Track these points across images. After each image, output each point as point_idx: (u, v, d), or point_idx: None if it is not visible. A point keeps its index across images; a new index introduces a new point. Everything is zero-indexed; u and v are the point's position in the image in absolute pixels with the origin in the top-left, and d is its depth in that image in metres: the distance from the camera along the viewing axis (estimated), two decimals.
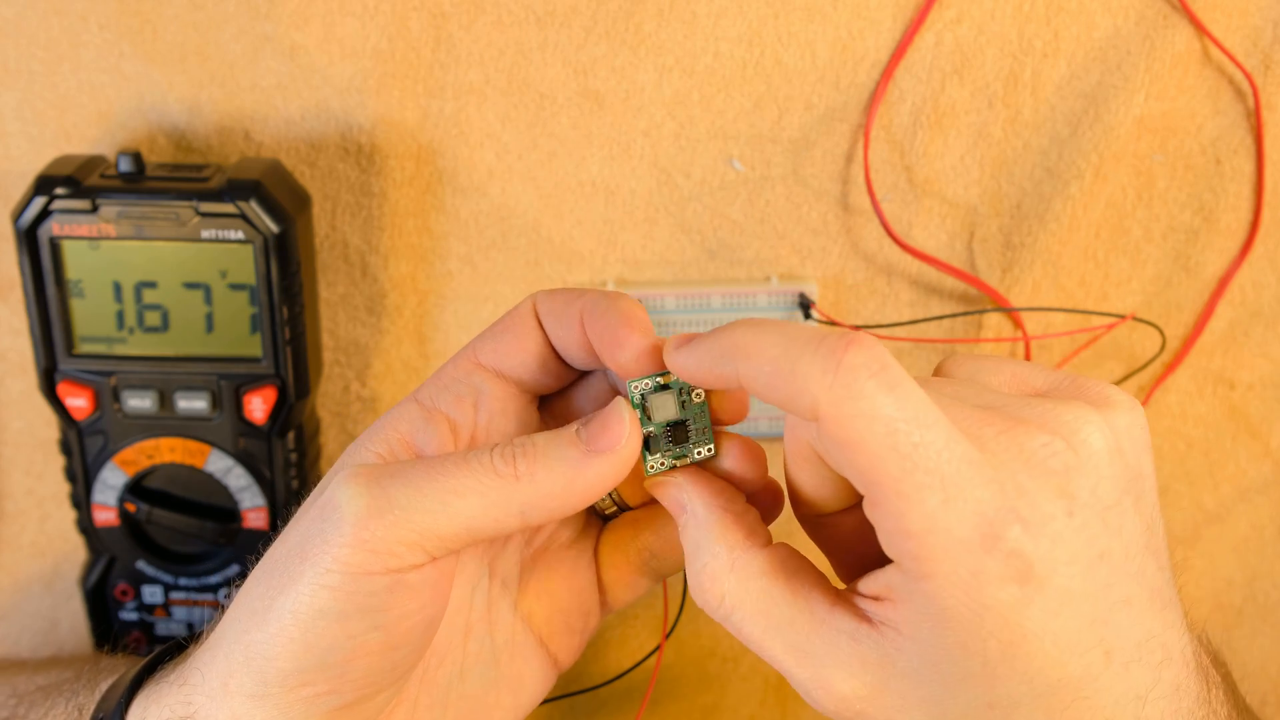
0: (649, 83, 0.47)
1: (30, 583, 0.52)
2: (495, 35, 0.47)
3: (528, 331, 0.36)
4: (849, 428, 0.29)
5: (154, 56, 0.46)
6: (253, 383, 0.46)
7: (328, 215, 0.49)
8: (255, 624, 0.32)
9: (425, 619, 0.33)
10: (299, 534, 0.32)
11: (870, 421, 0.28)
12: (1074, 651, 0.30)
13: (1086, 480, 0.30)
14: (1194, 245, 0.51)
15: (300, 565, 0.31)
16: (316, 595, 0.31)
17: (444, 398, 0.35)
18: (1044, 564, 0.29)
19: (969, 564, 0.29)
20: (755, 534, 0.33)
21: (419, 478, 0.32)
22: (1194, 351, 0.53)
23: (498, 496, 0.32)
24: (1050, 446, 0.30)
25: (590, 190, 0.49)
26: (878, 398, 0.28)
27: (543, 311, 0.36)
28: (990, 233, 0.50)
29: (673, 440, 0.35)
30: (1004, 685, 0.30)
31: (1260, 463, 0.55)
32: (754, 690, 0.57)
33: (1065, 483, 0.30)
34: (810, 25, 0.47)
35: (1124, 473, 0.31)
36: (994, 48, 0.48)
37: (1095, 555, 0.30)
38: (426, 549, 0.31)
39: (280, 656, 0.31)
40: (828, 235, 0.50)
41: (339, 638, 0.31)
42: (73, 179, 0.43)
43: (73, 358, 0.45)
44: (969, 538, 0.29)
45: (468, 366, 0.36)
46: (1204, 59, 0.49)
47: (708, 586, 0.33)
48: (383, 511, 0.31)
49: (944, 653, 0.30)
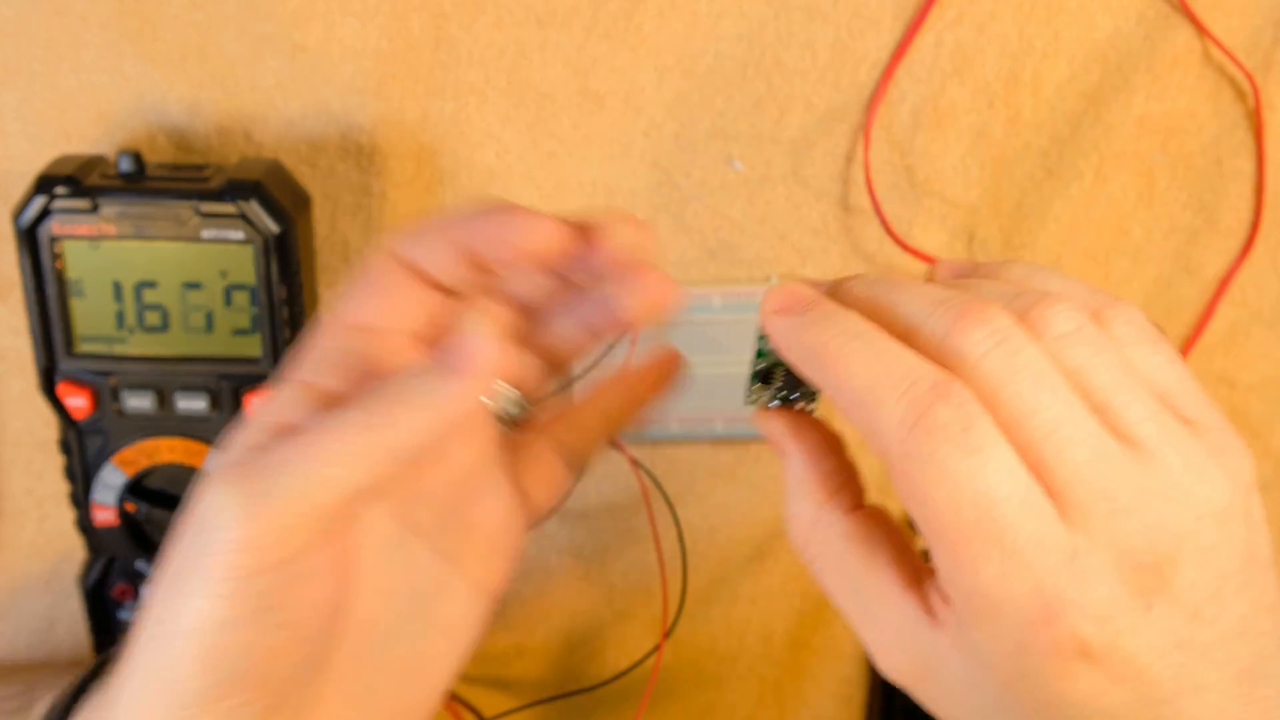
0: (649, 83, 0.47)
1: (29, 582, 0.52)
2: (495, 35, 0.47)
3: (401, 286, 0.34)
4: (916, 481, 0.28)
5: (154, 56, 0.46)
6: (252, 383, 0.46)
7: (328, 215, 0.49)
8: (160, 648, 0.31)
9: (330, 604, 0.32)
10: (182, 551, 0.31)
11: (939, 481, 0.27)
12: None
13: (1183, 576, 0.28)
14: (1194, 245, 0.51)
15: (190, 581, 0.30)
16: (214, 607, 0.30)
17: (322, 369, 0.33)
18: (1103, 649, 0.28)
19: (1016, 636, 0.28)
20: (843, 494, 0.33)
21: (284, 458, 0.30)
22: (1195, 352, 0.53)
23: (364, 449, 0.30)
24: (1148, 537, 0.28)
25: (590, 190, 0.49)
26: (951, 461, 0.27)
27: (412, 259, 0.33)
28: (990, 233, 0.50)
29: (785, 384, 0.34)
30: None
31: (1261, 463, 0.55)
32: (752, 690, 0.57)
33: (1152, 580, 0.28)
34: (810, 25, 0.47)
35: (1237, 554, 0.29)
36: (994, 48, 0.48)
37: (1171, 644, 0.28)
38: (311, 528, 0.30)
39: (191, 677, 0.30)
40: (828, 235, 0.50)
41: (245, 645, 0.30)
42: (73, 179, 0.43)
43: (72, 357, 0.45)
44: (1022, 613, 0.27)
45: (342, 333, 0.34)
46: (1204, 59, 0.49)
47: (795, 534, 0.33)
48: (256, 505, 0.30)
49: (986, 686, 0.29)
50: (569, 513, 0.54)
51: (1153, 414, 0.29)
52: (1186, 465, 0.29)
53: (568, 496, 0.40)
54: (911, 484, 0.28)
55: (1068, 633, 0.27)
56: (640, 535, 0.54)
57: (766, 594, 0.55)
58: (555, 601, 0.55)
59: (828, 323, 0.31)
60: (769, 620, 0.56)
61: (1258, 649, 0.29)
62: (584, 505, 0.54)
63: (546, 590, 0.55)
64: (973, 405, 0.28)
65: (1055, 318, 0.29)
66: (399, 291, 0.34)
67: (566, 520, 0.54)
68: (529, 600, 0.55)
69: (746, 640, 0.56)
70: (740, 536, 0.54)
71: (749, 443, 0.53)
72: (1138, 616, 0.28)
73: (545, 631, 0.56)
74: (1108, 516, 0.28)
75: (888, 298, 0.31)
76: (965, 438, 0.27)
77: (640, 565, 0.55)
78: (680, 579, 0.53)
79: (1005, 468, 0.27)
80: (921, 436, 0.27)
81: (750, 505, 0.54)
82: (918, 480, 0.28)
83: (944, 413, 0.27)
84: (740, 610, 0.56)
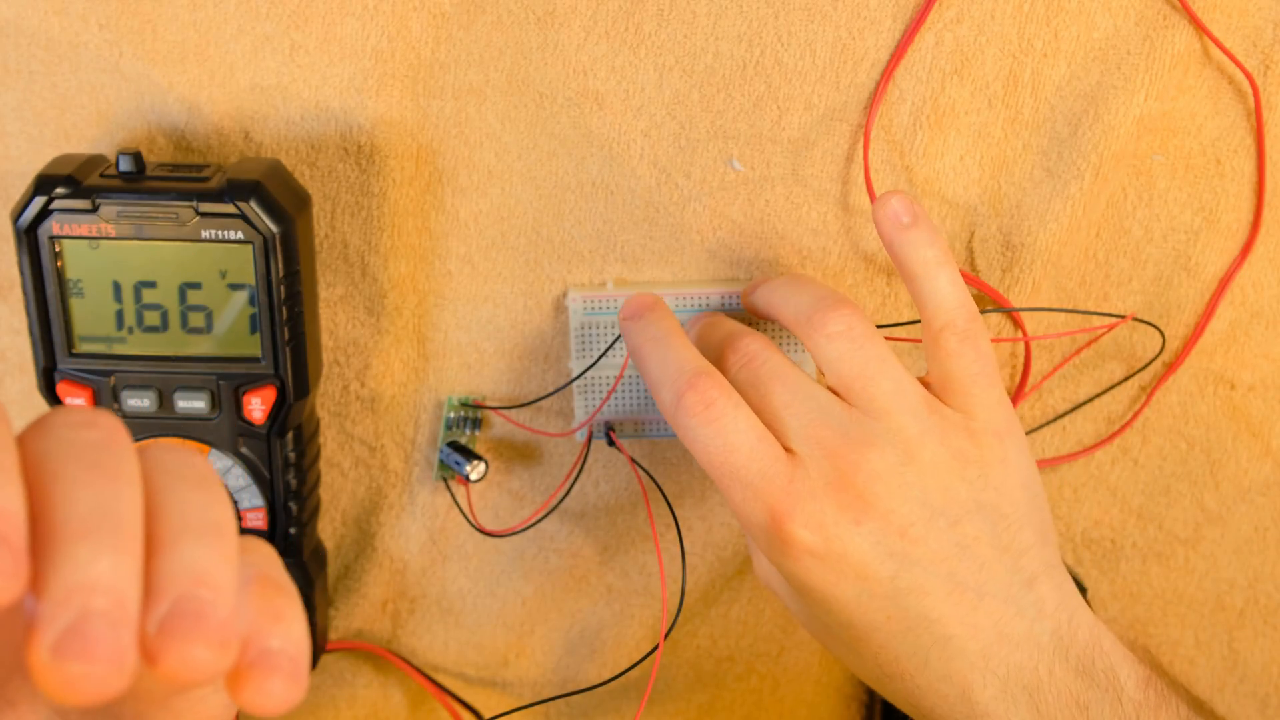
0: (649, 83, 0.47)
1: None
2: (495, 35, 0.47)
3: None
4: (686, 443, 0.41)
5: (154, 56, 0.46)
6: (252, 383, 0.46)
7: (328, 215, 0.49)
8: None
9: None
10: None
11: (693, 443, 0.41)
12: (862, 611, 0.41)
13: (885, 503, 0.41)
14: (1194, 245, 0.51)
15: None
16: None
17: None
18: (822, 549, 0.40)
19: (765, 543, 0.41)
20: None
21: None
22: (1195, 352, 0.53)
23: None
24: (852, 474, 0.41)
25: (590, 190, 0.49)
26: (697, 429, 0.41)
27: None
28: (990, 233, 0.50)
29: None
30: (820, 619, 0.42)
31: (1261, 463, 0.55)
32: (751, 689, 0.57)
33: (858, 504, 0.41)
34: (810, 25, 0.47)
35: (946, 496, 0.41)
36: (994, 48, 0.48)
37: (885, 553, 0.40)
38: None
39: None
40: (828, 235, 0.50)
41: None
42: (73, 178, 0.43)
43: (72, 357, 0.45)
44: (763, 526, 0.40)
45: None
46: (1204, 59, 0.49)
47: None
48: None
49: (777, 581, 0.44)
50: (569, 513, 0.54)
51: (895, 385, 0.42)
52: (912, 424, 0.41)
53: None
54: (685, 445, 0.42)
55: (791, 535, 0.40)
56: (640, 535, 0.54)
57: (766, 594, 0.55)
58: (555, 601, 0.55)
59: (642, 327, 0.45)
60: (769, 620, 0.56)
61: (978, 565, 0.41)
62: (584, 505, 0.54)
63: (546, 590, 0.55)
64: (713, 390, 0.41)
65: (813, 321, 0.43)
66: None
67: (566, 520, 0.54)
68: (529, 600, 0.55)
69: (746, 640, 0.56)
70: (740, 536, 0.54)
71: None
72: (848, 528, 0.40)
73: (545, 631, 0.55)
74: (820, 458, 0.41)
75: (711, 317, 0.48)
76: (706, 413, 0.41)
77: (640, 565, 0.55)
78: (680, 579, 0.53)
79: (737, 429, 0.40)
80: (680, 413, 0.41)
81: None
82: (687, 443, 0.41)
83: (689, 397, 0.41)
84: (740, 610, 0.56)
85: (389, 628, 0.55)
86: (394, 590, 0.54)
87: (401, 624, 0.55)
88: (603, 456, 0.53)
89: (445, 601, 0.55)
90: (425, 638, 0.55)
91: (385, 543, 0.54)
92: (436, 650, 0.55)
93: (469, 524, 0.51)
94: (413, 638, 0.55)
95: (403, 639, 0.55)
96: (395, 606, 0.55)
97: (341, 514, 0.53)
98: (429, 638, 0.55)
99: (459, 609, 0.55)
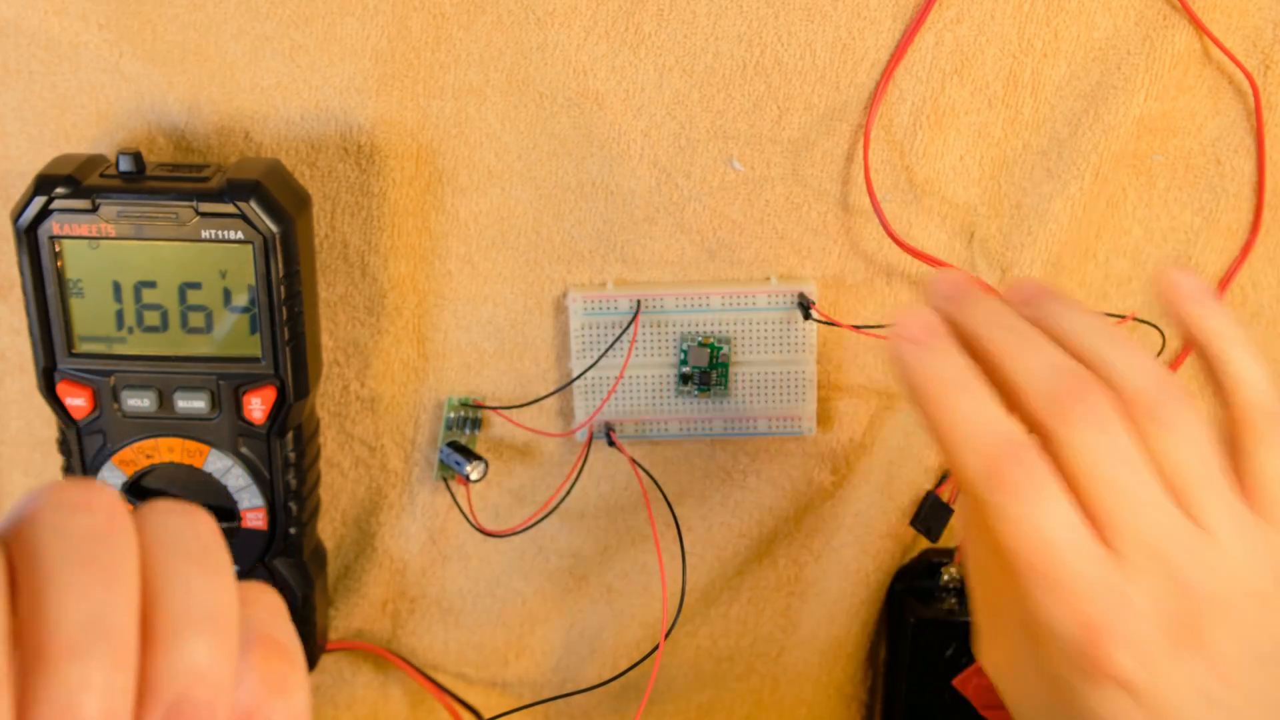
0: (649, 83, 0.47)
1: None
2: (495, 35, 0.47)
3: None
4: (989, 519, 0.33)
5: (154, 56, 0.46)
6: (252, 383, 0.46)
7: (328, 215, 0.49)
8: None
9: None
10: None
11: (1002, 523, 0.33)
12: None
13: (1218, 641, 0.33)
14: (1194, 245, 0.51)
15: None
16: None
17: None
18: (1138, 681, 0.33)
19: (1065, 657, 0.33)
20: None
21: None
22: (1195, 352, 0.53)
23: None
24: (1191, 600, 0.33)
25: (590, 190, 0.49)
26: (1011, 508, 0.33)
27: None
28: (990, 233, 0.50)
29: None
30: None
31: None
32: (751, 689, 0.57)
33: (1188, 636, 0.33)
34: (810, 25, 0.47)
35: (1271, 638, 0.34)
36: (994, 48, 0.48)
37: (1201, 698, 0.33)
38: None
39: None
40: (827, 235, 0.50)
41: None
42: (73, 178, 0.43)
43: (72, 357, 0.45)
44: (1069, 639, 0.33)
45: None
46: (1204, 59, 0.49)
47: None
48: None
49: (1043, 691, 0.35)
50: (569, 513, 0.54)
51: (1225, 500, 0.34)
52: (1243, 549, 0.33)
53: None
54: (981, 517, 0.34)
55: (1108, 659, 0.32)
56: (640, 535, 0.54)
57: (766, 594, 0.55)
58: (555, 601, 0.55)
59: (935, 364, 0.35)
60: (769, 620, 0.56)
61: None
62: (584, 505, 0.54)
63: (546, 590, 0.55)
64: (1035, 465, 0.33)
65: (1156, 408, 0.35)
66: None
67: (566, 520, 0.54)
68: (529, 600, 0.55)
69: (746, 640, 0.56)
70: (740, 536, 0.54)
71: (749, 442, 0.53)
72: (1171, 662, 0.33)
73: (545, 631, 0.55)
74: (1158, 575, 0.33)
75: (1006, 348, 0.35)
76: (1026, 492, 0.33)
77: (640, 565, 0.55)
78: (680, 579, 0.53)
79: (1059, 516, 0.33)
80: (992, 486, 0.33)
81: (750, 505, 0.54)
82: (992, 518, 0.33)
83: (1010, 470, 0.33)
84: (740, 610, 0.56)
85: (389, 628, 0.55)
86: (394, 590, 0.54)
87: (401, 624, 0.55)
88: (603, 456, 0.53)
89: (445, 601, 0.55)
90: (425, 638, 0.55)
91: (385, 543, 0.54)
92: (436, 650, 0.55)
93: (469, 524, 0.51)
94: (412, 638, 0.55)
95: (402, 639, 0.55)
96: (395, 606, 0.55)
97: (341, 514, 0.53)
98: (429, 638, 0.55)
99: (459, 609, 0.55)
